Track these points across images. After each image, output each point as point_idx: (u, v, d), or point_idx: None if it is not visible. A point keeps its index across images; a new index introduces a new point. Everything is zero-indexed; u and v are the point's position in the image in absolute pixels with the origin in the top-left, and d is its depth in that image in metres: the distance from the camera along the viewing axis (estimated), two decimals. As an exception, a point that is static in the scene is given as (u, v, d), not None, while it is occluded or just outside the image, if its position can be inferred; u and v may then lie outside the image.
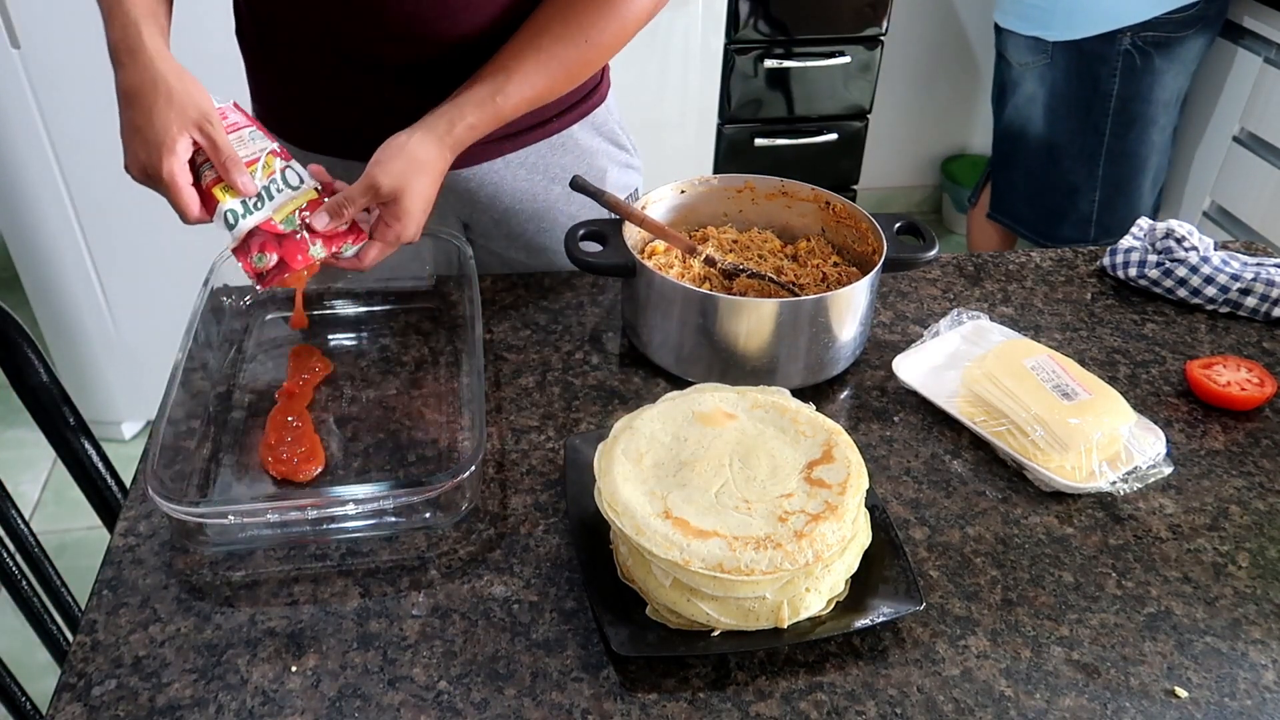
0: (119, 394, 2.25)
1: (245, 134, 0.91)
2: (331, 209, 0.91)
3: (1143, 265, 1.15)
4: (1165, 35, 1.95)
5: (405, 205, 0.91)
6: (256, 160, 0.90)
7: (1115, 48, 1.96)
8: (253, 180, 0.88)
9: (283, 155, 0.92)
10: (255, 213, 0.88)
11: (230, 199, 0.87)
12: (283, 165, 0.91)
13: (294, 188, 0.91)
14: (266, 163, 0.90)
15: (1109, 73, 1.99)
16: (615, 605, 0.74)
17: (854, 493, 0.74)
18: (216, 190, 0.87)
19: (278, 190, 0.90)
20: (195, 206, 0.87)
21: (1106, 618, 0.77)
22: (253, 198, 0.88)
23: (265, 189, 0.89)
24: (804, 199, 1.10)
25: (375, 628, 0.75)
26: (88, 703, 0.69)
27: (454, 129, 0.94)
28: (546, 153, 1.13)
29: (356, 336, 1.05)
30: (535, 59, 0.95)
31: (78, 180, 1.93)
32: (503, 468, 0.89)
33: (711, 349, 0.96)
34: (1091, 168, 2.10)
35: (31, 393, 1.05)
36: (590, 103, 1.15)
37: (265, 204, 0.89)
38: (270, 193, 0.89)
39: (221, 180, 0.87)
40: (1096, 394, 0.92)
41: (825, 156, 2.62)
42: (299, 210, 0.90)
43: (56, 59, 1.80)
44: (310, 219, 0.90)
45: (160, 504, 0.75)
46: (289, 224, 0.89)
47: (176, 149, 0.85)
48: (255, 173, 0.89)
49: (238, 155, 0.88)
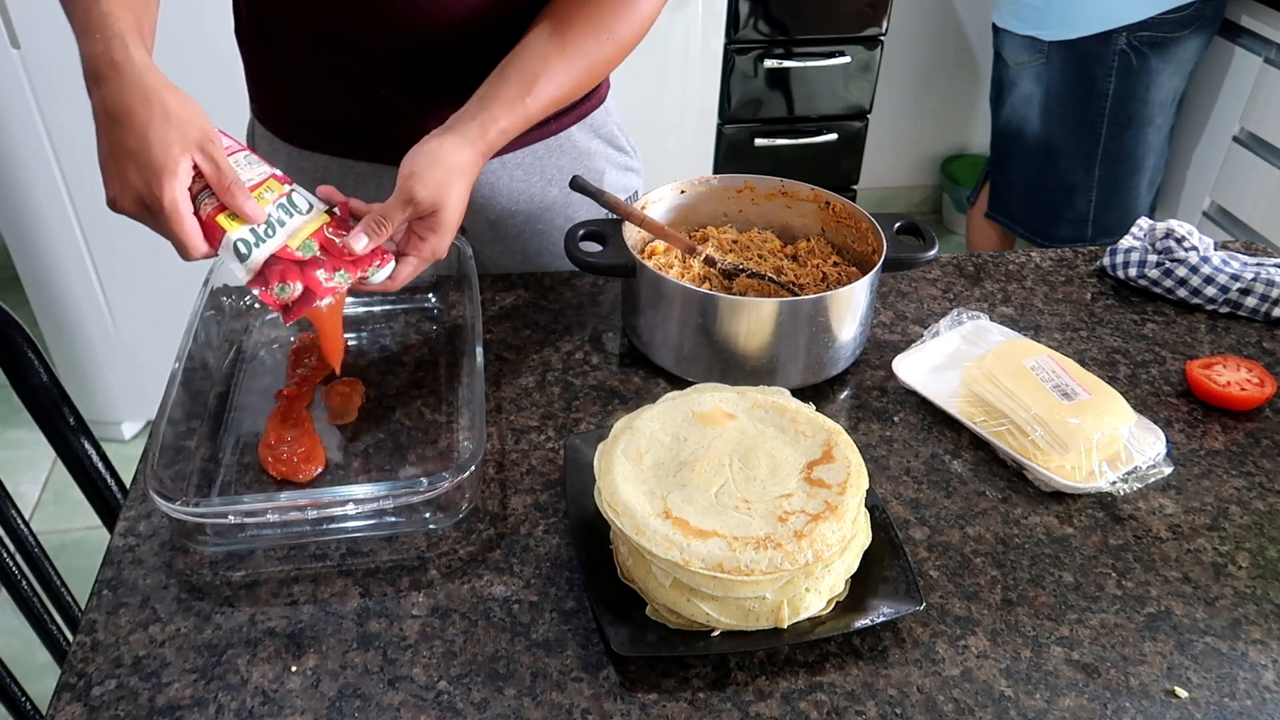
0: (119, 394, 2.26)
1: (241, 158, 0.83)
2: (369, 228, 0.83)
3: (1143, 265, 1.15)
4: (1161, 35, 1.95)
5: (443, 218, 0.86)
6: (260, 184, 0.82)
7: (1111, 47, 1.96)
8: (259, 206, 0.80)
9: (284, 180, 0.85)
10: (268, 240, 0.80)
11: (238, 228, 0.78)
12: (288, 189, 0.84)
13: (304, 212, 0.84)
14: (270, 185, 0.83)
15: (1105, 72, 1.99)
16: (615, 605, 0.74)
17: (854, 493, 0.74)
18: (221, 219, 0.78)
19: (287, 215, 0.82)
20: (200, 239, 0.78)
21: (1106, 618, 0.77)
22: (262, 225, 0.80)
23: (274, 215, 0.81)
24: (804, 199, 1.10)
25: (375, 628, 0.75)
26: (88, 703, 0.69)
27: (487, 133, 0.89)
28: (544, 154, 1.12)
29: (356, 336, 1.05)
30: (561, 57, 0.93)
31: (78, 180, 1.93)
32: (503, 468, 0.89)
33: (711, 349, 0.96)
34: (1088, 167, 2.10)
35: (31, 393, 1.05)
36: (588, 104, 1.15)
37: (277, 231, 0.81)
38: (280, 219, 0.81)
39: (225, 208, 0.78)
40: (1096, 394, 0.92)
41: (825, 156, 2.62)
42: (319, 232, 0.83)
43: (56, 59, 1.80)
44: (347, 242, 0.82)
45: (160, 504, 0.75)
46: (306, 250, 0.82)
47: (179, 172, 0.75)
48: (260, 198, 0.81)
49: (242, 179, 0.80)
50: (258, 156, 0.86)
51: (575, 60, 0.94)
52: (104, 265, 2.06)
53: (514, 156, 1.11)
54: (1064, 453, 0.88)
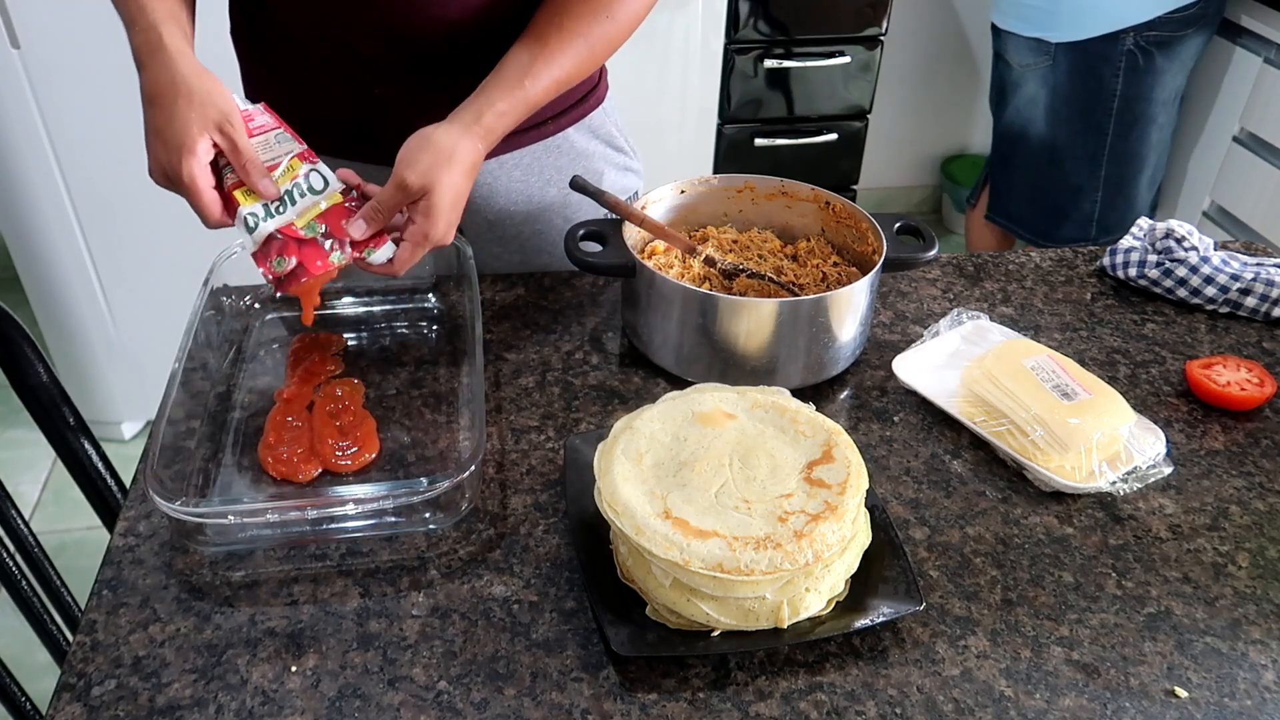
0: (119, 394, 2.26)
1: (271, 137, 0.90)
2: (367, 214, 0.89)
3: (1142, 265, 1.15)
4: (1167, 34, 1.95)
5: (434, 201, 0.88)
6: (279, 164, 0.88)
7: (1119, 48, 1.96)
8: (274, 184, 0.87)
9: (308, 158, 0.91)
10: (276, 217, 0.86)
11: (251, 202, 0.86)
12: (308, 169, 0.90)
13: (318, 191, 0.89)
14: (290, 166, 0.89)
15: (1112, 73, 1.99)
16: (615, 605, 0.74)
17: (854, 493, 0.74)
18: (238, 194, 0.86)
19: (300, 195, 0.88)
20: (216, 210, 0.86)
21: (1106, 618, 0.77)
22: (274, 201, 0.87)
23: (287, 193, 0.87)
24: (804, 199, 1.10)
25: (375, 628, 0.75)
26: (87, 703, 0.69)
27: (482, 118, 0.90)
28: (541, 155, 1.12)
29: (356, 336, 1.05)
30: (560, 39, 0.93)
31: (78, 180, 1.93)
32: (503, 468, 0.89)
33: (711, 349, 0.96)
34: (1094, 168, 2.10)
35: (31, 393, 1.05)
36: (587, 105, 1.15)
37: (287, 208, 0.87)
38: (293, 197, 0.88)
39: (243, 184, 0.86)
40: (1096, 394, 0.92)
41: (825, 156, 2.62)
42: (328, 212, 0.89)
43: (56, 59, 1.80)
44: (347, 227, 0.88)
45: (160, 504, 0.75)
46: (310, 230, 0.88)
47: (196, 150, 0.83)
48: (277, 176, 0.87)
49: (258, 158, 0.87)
50: (291, 134, 0.92)
51: (574, 42, 0.94)
52: (104, 265, 2.06)
53: (512, 157, 1.11)
54: (1064, 453, 0.88)
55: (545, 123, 1.10)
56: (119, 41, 0.89)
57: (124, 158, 1.89)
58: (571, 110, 1.13)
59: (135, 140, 0.88)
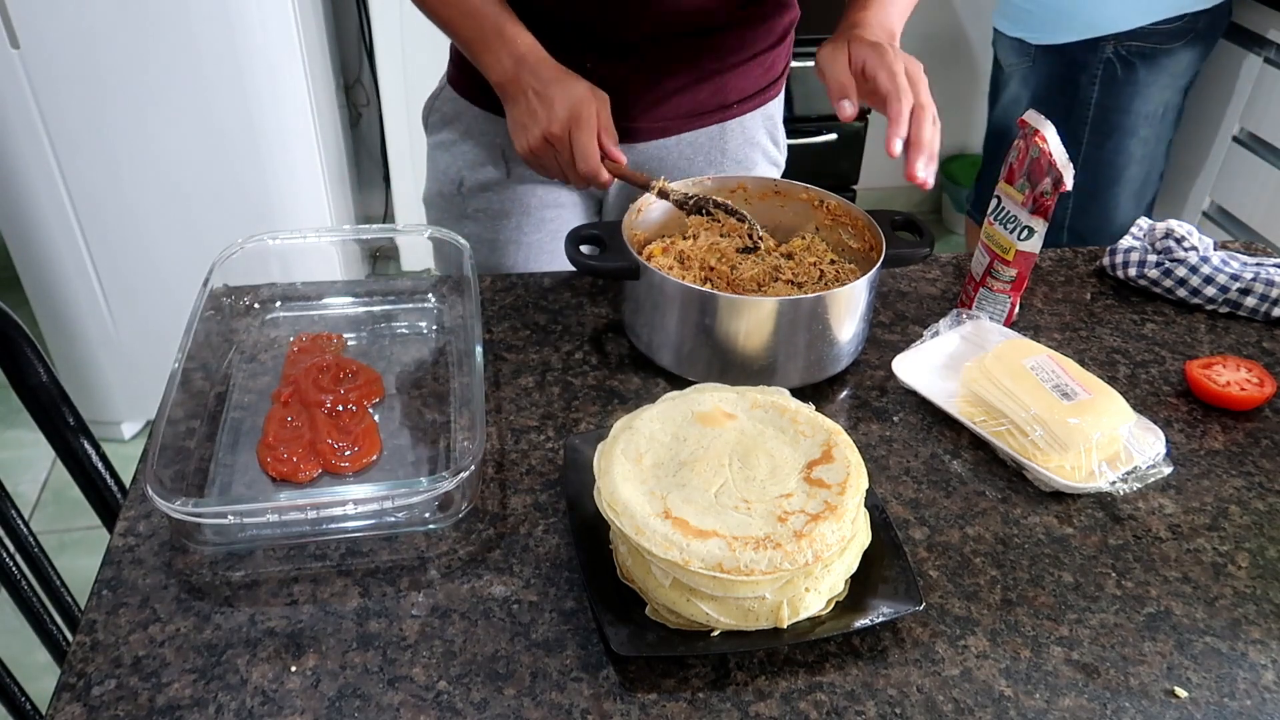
0: (119, 394, 2.26)
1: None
2: (896, 97, 1.05)
3: (1142, 265, 1.15)
4: (1151, 46, 1.91)
5: (913, 70, 1.06)
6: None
7: (1097, 55, 1.93)
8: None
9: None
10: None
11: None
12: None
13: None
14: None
15: (1089, 80, 1.96)
16: (615, 605, 0.74)
17: (854, 493, 0.74)
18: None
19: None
20: (599, 163, 1.02)
21: (1106, 618, 0.77)
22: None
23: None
24: (798, 198, 1.10)
25: (375, 628, 0.75)
26: (87, 703, 0.69)
27: (895, 38, 1.07)
28: (717, 136, 1.18)
29: (356, 336, 1.05)
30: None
31: (78, 180, 1.93)
32: (502, 468, 0.89)
33: (711, 349, 0.96)
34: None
35: (31, 393, 1.05)
36: (770, 92, 1.19)
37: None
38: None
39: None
40: (1096, 394, 0.92)
41: (825, 156, 2.62)
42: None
43: (56, 59, 1.80)
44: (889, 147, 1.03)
45: (160, 504, 0.75)
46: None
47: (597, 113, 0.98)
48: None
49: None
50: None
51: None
52: (104, 265, 2.06)
53: (688, 136, 1.15)
54: (1064, 453, 0.88)
55: (732, 105, 1.12)
56: (119, 41, 0.90)
57: (124, 158, 1.89)
58: (757, 96, 1.15)
59: (135, 140, 0.88)
